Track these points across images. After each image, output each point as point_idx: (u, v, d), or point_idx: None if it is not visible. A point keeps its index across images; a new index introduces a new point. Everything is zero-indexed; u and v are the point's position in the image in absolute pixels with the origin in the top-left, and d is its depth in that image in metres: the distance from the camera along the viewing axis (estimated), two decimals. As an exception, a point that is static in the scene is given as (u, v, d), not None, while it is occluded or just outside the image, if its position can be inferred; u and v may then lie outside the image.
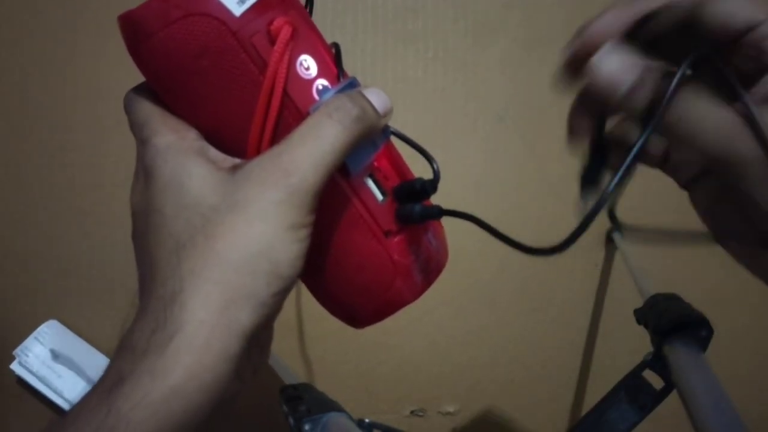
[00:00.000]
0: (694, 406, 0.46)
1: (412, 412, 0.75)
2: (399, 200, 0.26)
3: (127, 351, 0.20)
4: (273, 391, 0.55)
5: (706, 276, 0.73)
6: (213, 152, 0.24)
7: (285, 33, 0.22)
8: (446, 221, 0.75)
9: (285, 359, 0.66)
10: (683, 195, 0.29)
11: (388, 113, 0.25)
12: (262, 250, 0.21)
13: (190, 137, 0.23)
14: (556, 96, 0.27)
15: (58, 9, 0.65)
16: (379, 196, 0.26)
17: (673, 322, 0.53)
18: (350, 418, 0.51)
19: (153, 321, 0.20)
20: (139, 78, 0.25)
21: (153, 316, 0.20)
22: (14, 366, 0.65)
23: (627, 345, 0.73)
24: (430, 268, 0.28)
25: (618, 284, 0.73)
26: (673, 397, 0.52)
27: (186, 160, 0.22)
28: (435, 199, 0.28)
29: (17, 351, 0.65)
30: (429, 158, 0.27)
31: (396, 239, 0.26)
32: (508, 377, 0.75)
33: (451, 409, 0.76)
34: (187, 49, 0.22)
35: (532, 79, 0.68)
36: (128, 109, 0.25)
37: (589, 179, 0.25)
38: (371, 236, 0.26)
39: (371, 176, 0.26)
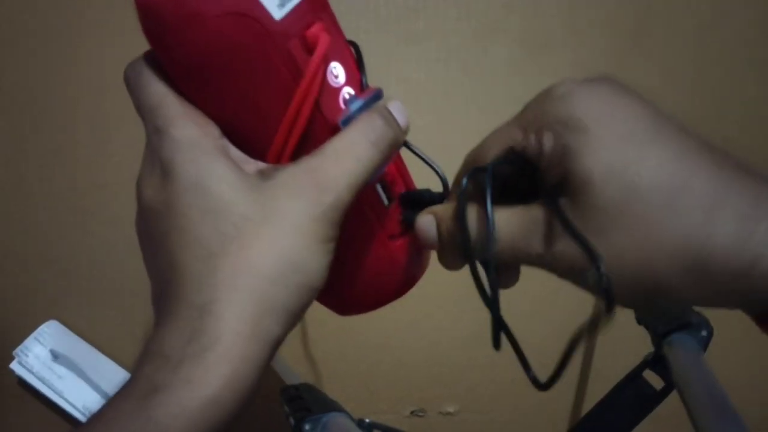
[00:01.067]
0: (694, 406, 0.46)
1: (412, 412, 0.75)
2: (403, 206, 0.27)
3: (158, 358, 0.20)
4: (274, 391, 0.55)
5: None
6: (234, 152, 0.23)
7: (323, 43, 0.22)
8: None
9: (286, 360, 0.66)
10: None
11: (408, 127, 0.25)
12: (296, 263, 0.21)
13: (213, 134, 0.22)
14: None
15: (59, 8, 0.65)
16: (386, 201, 0.26)
17: (673, 322, 0.53)
18: (350, 418, 0.51)
19: (187, 330, 0.20)
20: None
21: (186, 324, 0.20)
22: (14, 366, 0.65)
23: (627, 345, 0.73)
24: (422, 266, 0.30)
25: (618, 284, 0.73)
26: (673, 397, 0.52)
27: (211, 160, 0.21)
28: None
29: (17, 351, 0.65)
30: (439, 174, 0.28)
31: (398, 243, 0.27)
32: (508, 377, 0.75)
33: (451, 409, 0.76)
34: (222, 45, 0.21)
35: (535, 79, 0.68)
36: (135, 86, 0.23)
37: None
38: (376, 239, 0.26)
39: (381, 182, 0.26)
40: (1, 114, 0.67)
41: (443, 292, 0.73)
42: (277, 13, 0.21)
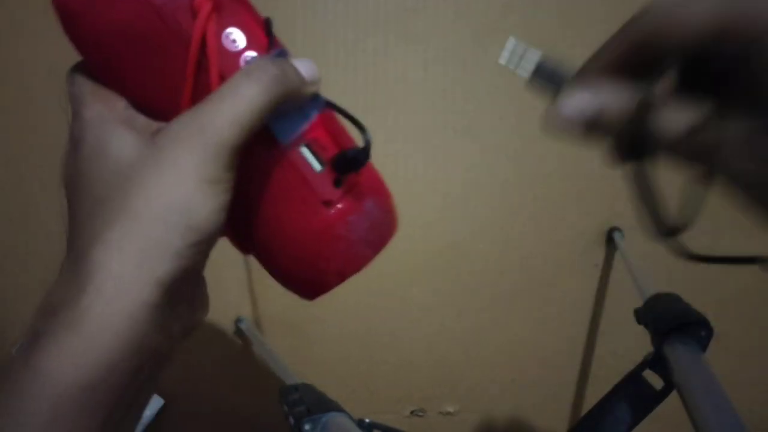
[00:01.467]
0: (694, 406, 0.46)
1: (412, 412, 0.75)
2: (337, 171, 0.26)
3: (43, 309, 0.21)
4: (273, 391, 0.55)
5: (706, 276, 0.73)
6: (141, 120, 0.25)
7: (206, 7, 0.23)
8: (451, 222, 0.75)
9: (285, 359, 0.66)
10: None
11: (315, 81, 0.25)
12: (175, 203, 0.21)
13: (119, 107, 0.24)
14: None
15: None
16: (317, 167, 0.26)
17: (673, 322, 0.53)
18: (350, 417, 0.51)
19: (66, 276, 0.21)
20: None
21: (67, 273, 0.21)
22: (14, 366, 0.65)
23: (627, 345, 0.73)
24: (374, 238, 0.28)
25: (618, 284, 0.73)
26: (673, 397, 0.52)
27: (110, 127, 0.23)
28: (444, 202, 0.27)
29: (17, 350, 0.65)
30: (361, 128, 0.26)
31: (334, 209, 0.26)
32: (508, 377, 0.75)
33: (451, 409, 0.76)
34: (114, 24, 0.23)
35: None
36: (67, 84, 0.26)
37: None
38: (308, 205, 0.26)
39: (308, 146, 0.26)
40: (1, 114, 0.68)
41: (443, 292, 0.73)
42: None
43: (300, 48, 0.66)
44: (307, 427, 0.49)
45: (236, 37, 0.24)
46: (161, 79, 0.24)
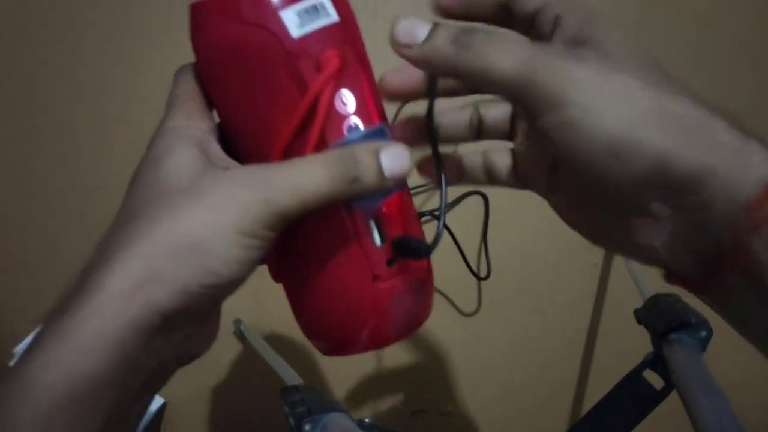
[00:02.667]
0: (693, 406, 0.46)
1: (412, 412, 0.75)
2: (393, 251, 0.27)
3: (49, 316, 0.21)
4: (274, 391, 0.55)
5: (705, 276, 0.73)
6: (215, 149, 0.24)
7: (332, 65, 0.23)
8: (454, 221, 0.74)
9: (286, 360, 0.66)
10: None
11: (401, 176, 0.24)
12: (200, 243, 0.21)
13: (198, 126, 0.24)
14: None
15: (59, 9, 0.65)
16: (378, 241, 0.26)
17: (673, 322, 0.53)
18: (351, 418, 0.51)
19: (76, 288, 0.21)
20: (140, 75, 0.25)
21: (78, 282, 0.21)
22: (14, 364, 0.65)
23: (627, 345, 0.73)
24: (405, 324, 0.28)
25: (618, 284, 0.73)
26: (673, 397, 0.52)
27: (179, 143, 0.23)
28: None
29: (17, 349, 0.65)
30: (440, 223, 0.27)
31: (383, 285, 0.26)
32: (508, 377, 0.76)
33: (451, 409, 0.76)
34: (240, 52, 0.23)
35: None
36: (172, 83, 0.26)
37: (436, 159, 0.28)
38: (359, 273, 0.26)
39: (376, 220, 0.26)
40: (1, 116, 0.68)
41: (443, 291, 0.73)
42: (296, 32, 0.23)
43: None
44: (307, 427, 0.49)
45: (348, 100, 0.25)
46: (262, 118, 0.24)
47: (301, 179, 0.22)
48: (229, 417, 0.74)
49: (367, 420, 0.57)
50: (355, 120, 0.25)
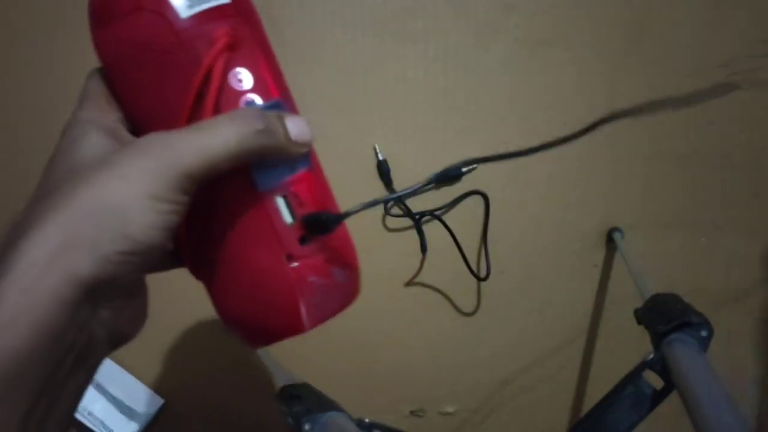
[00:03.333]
0: (694, 406, 0.46)
1: (411, 412, 0.75)
2: (306, 229, 0.26)
3: None
4: (272, 391, 0.55)
5: (706, 276, 0.73)
6: (125, 134, 0.25)
7: (222, 41, 0.24)
8: (454, 221, 0.74)
9: (284, 359, 0.66)
10: (684, 193, 0.29)
11: (304, 142, 0.25)
12: (114, 207, 0.21)
13: (110, 118, 0.25)
14: (555, 96, 0.27)
15: (57, 8, 0.65)
16: (288, 219, 0.26)
17: (673, 322, 0.53)
18: (350, 417, 0.51)
19: None
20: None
21: None
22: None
23: (627, 345, 0.73)
24: (328, 305, 0.27)
25: (618, 284, 0.73)
26: (673, 397, 0.52)
27: (91, 129, 0.24)
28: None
29: None
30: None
31: (296, 264, 0.26)
32: (508, 377, 0.75)
33: (450, 409, 0.76)
34: (133, 40, 0.24)
35: (534, 78, 0.68)
36: (84, 82, 0.27)
37: None
38: (270, 254, 0.26)
39: (284, 198, 0.26)
40: (0, 115, 0.68)
41: (443, 291, 0.73)
42: (185, 12, 0.24)
43: (298, 49, 0.66)
44: (306, 426, 0.49)
45: (243, 77, 0.25)
46: (161, 103, 0.25)
47: (207, 139, 0.22)
48: (228, 417, 0.74)
49: (366, 419, 0.57)
50: (252, 96, 0.25)
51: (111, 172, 0.22)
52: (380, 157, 0.68)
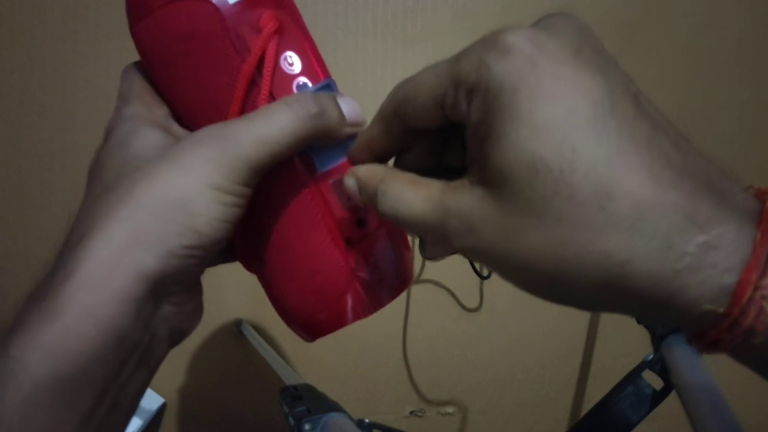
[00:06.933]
0: (693, 407, 0.46)
1: (411, 412, 0.75)
2: (363, 211, 0.26)
3: (28, 300, 0.20)
4: (273, 391, 0.55)
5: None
6: (176, 128, 0.25)
7: (271, 25, 0.23)
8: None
9: (285, 359, 0.66)
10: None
11: (358, 122, 0.25)
12: (179, 200, 0.20)
13: (158, 113, 0.24)
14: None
15: (58, 9, 0.65)
16: (345, 201, 0.26)
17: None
18: (350, 418, 0.52)
19: (58, 265, 0.20)
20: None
21: (59, 261, 0.20)
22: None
23: (627, 345, 0.73)
24: (385, 289, 0.27)
25: (618, 284, 0.73)
26: (673, 397, 0.52)
27: (143, 125, 0.23)
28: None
29: None
30: None
31: (356, 248, 0.26)
32: (508, 377, 0.76)
33: (450, 409, 0.76)
34: (177, 29, 0.23)
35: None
36: (121, 79, 0.26)
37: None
38: (330, 239, 0.25)
39: (341, 180, 0.25)
40: (0, 116, 0.68)
41: (443, 292, 0.73)
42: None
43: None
44: (306, 427, 0.49)
45: (294, 61, 0.25)
46: (210, 92, 0.24)
47: (266, 128, 0.22)
48: (229, 417, 0.74)
49: (366, 420, 0.57)
50: (303, 79, 0.25)
51: (172, 164, 0.21)
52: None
